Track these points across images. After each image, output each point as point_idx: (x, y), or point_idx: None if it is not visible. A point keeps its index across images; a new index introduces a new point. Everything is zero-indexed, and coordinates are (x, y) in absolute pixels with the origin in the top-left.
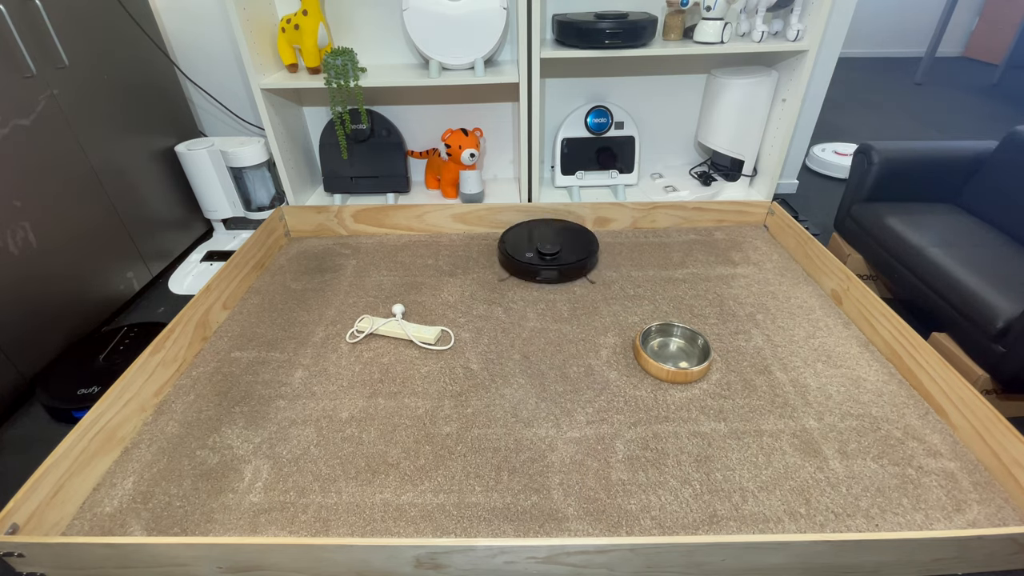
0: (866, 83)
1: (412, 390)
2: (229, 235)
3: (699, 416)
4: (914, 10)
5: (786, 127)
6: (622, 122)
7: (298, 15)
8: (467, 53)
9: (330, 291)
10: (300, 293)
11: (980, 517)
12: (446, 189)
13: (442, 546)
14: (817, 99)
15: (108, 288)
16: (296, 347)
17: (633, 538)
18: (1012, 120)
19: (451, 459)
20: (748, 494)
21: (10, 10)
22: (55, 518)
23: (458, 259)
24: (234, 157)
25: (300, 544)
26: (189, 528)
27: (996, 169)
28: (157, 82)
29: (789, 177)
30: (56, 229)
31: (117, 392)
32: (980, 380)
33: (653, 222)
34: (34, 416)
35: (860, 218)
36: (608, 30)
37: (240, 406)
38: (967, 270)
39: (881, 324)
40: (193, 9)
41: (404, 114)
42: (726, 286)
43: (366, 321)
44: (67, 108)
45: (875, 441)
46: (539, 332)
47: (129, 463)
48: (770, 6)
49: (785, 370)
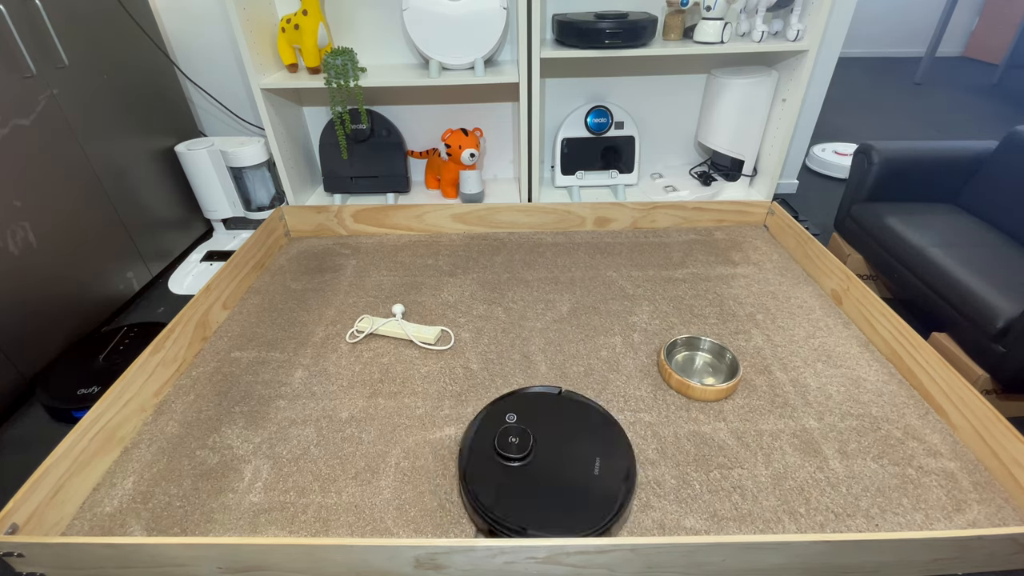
0: (866, 83)
1: (412, 390)
2: (229, 235)
3: (699, 416)
4: (914, 10)
5: (786, 127)
6: (622, 122)
7: (298, 15)
8: (467, 53)
9: (330, 291)
10: (300, 293)
11: (980, 517)
12: (446, 189)
13: (442, 546)
14: (817, 99)
15: (108, 288)
16: (296, 347)
17: (633, 538)
18: (1012, 120)
19: (451, 459)
20: (748, 494)
21: (10, 10)
22: (55, 518)
23: (458, 259)
24: (234, 157)
25: (300, 544)
26: (189, 528)
27: (996, 169)
28: (157, 82)
29: (789, 177)
30: (56, 229)
31: (117, 392)
32: (980, 380)
33: (653, 222)
34: (34, 416)
35: (860, 218)
36: (608, 30)
37: (240, 406)
38: (967, 270)
39: (881, 324)
40: (193, 9)
41: (404, 114)
42: (726, 286)
43: (366, 321)
44: (67, 108)
45: (875, 441)
46: (539, 332)
47: (129, 463)
48: (770, 6)
49: (785, 370)
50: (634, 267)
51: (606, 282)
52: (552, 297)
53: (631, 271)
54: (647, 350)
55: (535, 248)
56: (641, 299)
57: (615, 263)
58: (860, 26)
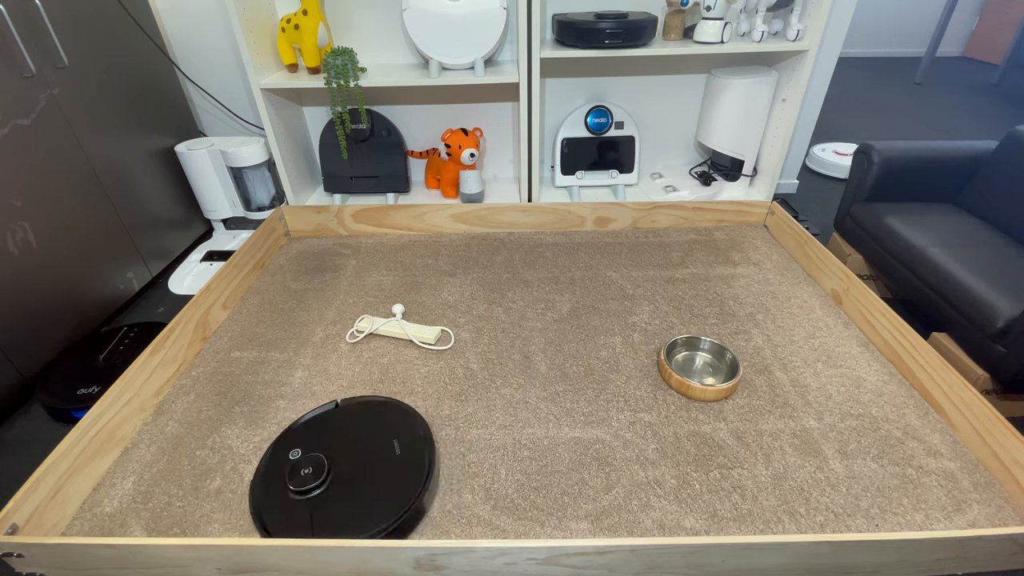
0: (866, 83)
1: (412, 390)
2: (229, 235)
3: (699, 416)
4: (914, 10)
5: (786, 127)
6: (622, 122)
7: (298, 15)
8: (467, 53)
9: (330, 291)
10: (300, 293)
11: (980, 517)
12: (446, 189)
13: (442, 547)
14: (817, 99)
15: (108, 288)
16: (296, 347)
17: (633, 539)
18: (1012, 120)
19: (450, 459)
20: (748, 494)
21: (10, 10)
22: (55, 518)
23: (458, 259)
24: (234, 157)
25: (300, 544)
26: (189, 528)
27: (996, 169)
28: (157, 82)
29: (789, 177)
30: (56, 229)
31: (117, 392)
32: (980, 380)
33: (653, 222)
34: (34, 416)
35: (860, 218)
36: (608, 30)
37: (240, 406)
38: (967, 270)
39: (881, 324)
40: (193, 9)
41: (404, 114)
42: (726, 286)
43: (366, 321)
44: (67, 108)
45: (875, 441)
46: (539, 332)
47: (129, 463)
48: (770, 6)
49: (785, 370)
50: (634, 267)
51: (606, 282)
52: (552, 297)
53: (631, 271)
54: (647, 350)
55: (535, 248)
56: (641, 299)
57: (615, 263)
58: (860, 26)
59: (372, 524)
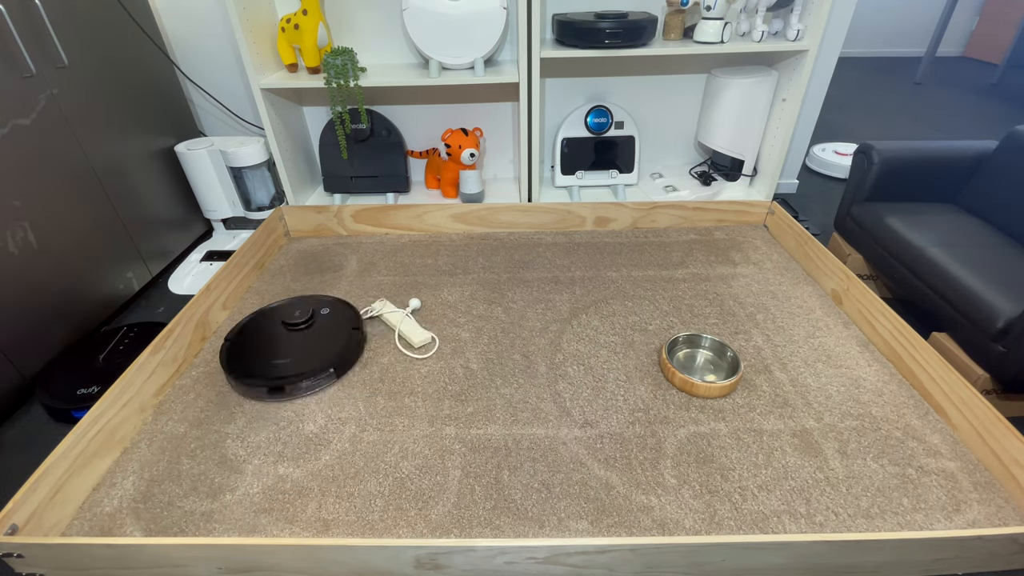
0: (866, 83)
1: (412, 390)
2: (229, 235)
3: (699, 416)
4: (914, 10)
5: (786, 127)
6: (622, 122)
7: (298, 15)
8: (467, 53)
9: (330, 291)
10: (300, 293)
11: (980, 517)
12: (446, 189)
13: (442, 546)
14: (817, 99)
15: (108, 288)
16: None
17: (633, 538)
18: (1012, 120)
19: (450, 459)
20: (748, 494)
21: (10, 10)
22: (55, 518)
23: (458, 259)
24: (234, 157)
25: (300, 544)
26: (189, 528)
27: (996, 169)
28: (157, 82)
29: (789, 177)
30: (56, 229)
31: (117, 392)
32: (980, 380)
33: (653, 222)
34: (34, 416)
35: (860, 218)
36: (608, 30)
37: (240, 406)
38: (967, 270)
39: (881, 324)
40: (193, 9)
41: (404, 114)
42: (726, 286)
43: (382, 303)
44: (67, 108)
45: (875, 441)
46: (539, 332)
47: (129, 463)
48: (770, 6)
49: (785, 370)
50: (634, 267)
51: (606, 282)
52: (552, 297)
53: (631, 271)
54: (647, 350)
55: (535, 248)
56: (641, 299)
57: (615, 263)
58: (860, 26)
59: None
